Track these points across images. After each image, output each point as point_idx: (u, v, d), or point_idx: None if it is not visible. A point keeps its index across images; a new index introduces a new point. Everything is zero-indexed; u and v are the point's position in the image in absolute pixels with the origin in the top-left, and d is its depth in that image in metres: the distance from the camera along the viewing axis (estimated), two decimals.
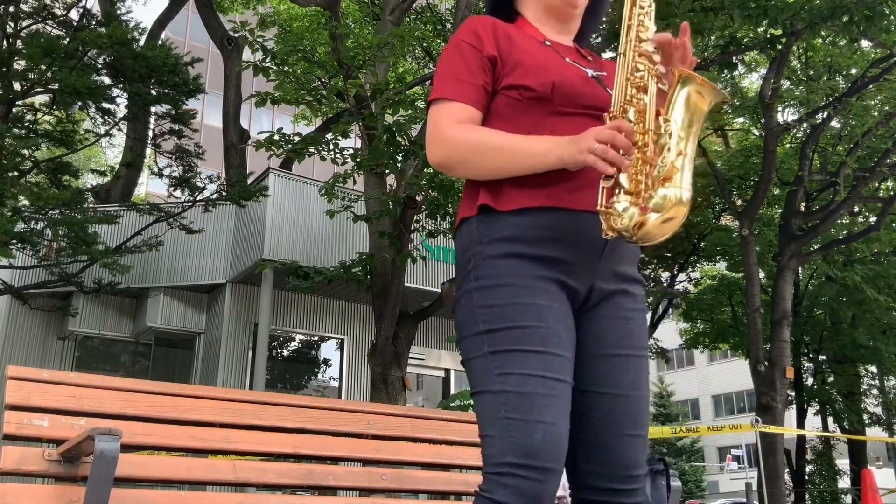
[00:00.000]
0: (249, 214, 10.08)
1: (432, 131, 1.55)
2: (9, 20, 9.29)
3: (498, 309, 1.44)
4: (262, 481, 2.20)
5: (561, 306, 1.47)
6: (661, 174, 1.37)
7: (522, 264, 1.46)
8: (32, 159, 9.23)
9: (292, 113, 18.07)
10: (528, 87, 1.53)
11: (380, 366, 7.55)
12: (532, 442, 1.35)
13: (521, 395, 1.38)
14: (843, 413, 17.15)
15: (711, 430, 9.65)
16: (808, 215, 13.42)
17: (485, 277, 1.47)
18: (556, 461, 1.37)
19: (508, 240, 1.47)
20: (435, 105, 1.56)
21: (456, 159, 1.52)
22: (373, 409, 2.58)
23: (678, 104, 1.42)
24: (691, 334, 19.03)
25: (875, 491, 7.30)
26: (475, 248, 1.50)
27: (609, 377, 1.51)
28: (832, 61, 13.46)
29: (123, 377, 2.37)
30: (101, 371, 10.69)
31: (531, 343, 1.41)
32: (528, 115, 1.54)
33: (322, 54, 12.11)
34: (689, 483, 35.18)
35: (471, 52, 1.57)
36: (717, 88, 1.44)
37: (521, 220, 1.48)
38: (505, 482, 1.35)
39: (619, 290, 1.55)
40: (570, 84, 1.55)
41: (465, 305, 1.50)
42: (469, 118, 1.54)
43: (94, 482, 1.71)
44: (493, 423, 1.39)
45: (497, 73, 1.57)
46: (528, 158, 1.46)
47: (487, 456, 1.40)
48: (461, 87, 1.55)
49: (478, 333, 1.46)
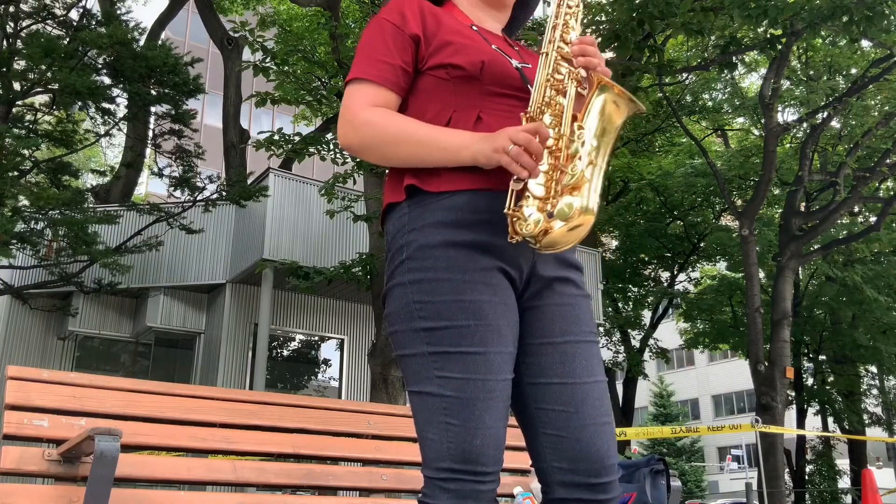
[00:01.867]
0: (249, 214, 10.09)
1: (345, 113, 1.49)
2: (9, 20, 9.30)
3: (436, 305, 1.39)
4: (262, 481, 2.20)
5: (501, 299, 1.42)
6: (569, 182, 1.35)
7: (461, 254, 1.40)
8: (32, 159, 9.23)
9: (292, 113, 18.07)
10: (456, 65, 1.48)
11: (380, 366, 7.55)
12: (471, 448, 1.34)
13: (460, 401, 1.35)
14: (843, 413, 17.16)
15: (711, 430, 9.65)
16: (808, 215, 13.43)
17: (421, 270, 1.41)
18: (496, 463, 1.37)
19: (444, 225, 1.41)
20: (351, 85, 1.51)
21: (366, 145, 1.47)
22: (373, 409, 2.58)
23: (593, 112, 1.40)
24: (691, 334, 19.04)
25: (875, 491, 7.29)
26: (407, 237, 1.44)
27: (561, 366, 1.46)
28: (832, 61, 13.48)
29: (123, 377, 2.37)
30: (101, 371, 10.70)
31: (470, 343, 1.37)
32: (455, 94, 1.49)
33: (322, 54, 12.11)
34: (689, 483, 35.18)
35: (392, 31, 1.52)
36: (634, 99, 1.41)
37: (457, 202, 1.42)
38: (446, 486, 1.35)
39: (560, 278, 1.51)
40: (500, 64, 1.50)
41: (398, 298, 1.43)
42: (384, 101, 1.49)
43: (94, 482, 1.71)
44: (433, 425, 1.37)
45: (421, 53, 1.52)
46: (442, 152, 1.41)
47: (427, 458, 1.39)
48: (378, 67, 1.49)
49: (415, 330, 1.41)
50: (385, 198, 1.53)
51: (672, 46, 14.36)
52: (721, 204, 16.56)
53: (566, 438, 1.43)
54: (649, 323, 17.99)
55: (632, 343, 18.13)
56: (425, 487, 1.38)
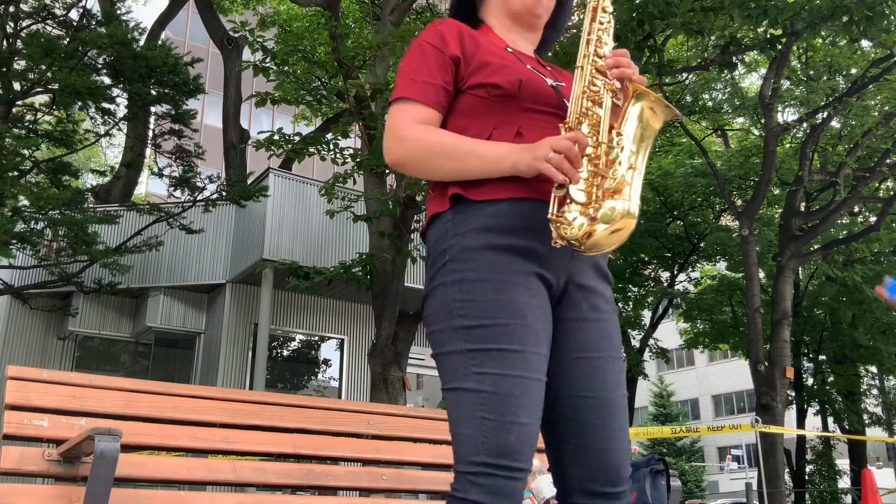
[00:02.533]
0: (249, 214, 10.08)
1: (390, 130, 1.56)
2: (9, 20, 9.30)
3: (476, 304, 1.44)
4: (262, 481, 2.20)
5: (539, 301, 1.47)
6: (611, 187, 1.40)
7: (501, 257, 1.46)
8: (32, 159, 9.23)
9: (292, 113, 18.07)
10: (495, 84, 1.55)
11: (380, 366, 7.55)
12: (506, 442, 1.37)
13: (497, 396, 1.39)
14: (843, 413, 17.15)
15: (711, 430, 9.65)
16: (808, 215, 13.43)
17: (462, 271, 1.46)
18: (528, 460, 1.40)
19: (486, 230, 1.47)
20: (395, 105, 1.58)
21: (412, 159, 1.53)
22: (373, 409, 2.58)
23: (631, 119, 1.45)
24: (691, 334, 19.03)
25: (875, 491, 7.30)
26: (451, 241, 1.49)
27: (593, 380, 1.52)
28: (832, 61, 13.47)
29: (123, 377, 2.37)
30: (101, 371, 10.69)
31: (509, 341, 1.41)
32: (495, 112, 1.55)
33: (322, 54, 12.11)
34: (689, 483, 35.18)
35: (433, 53, 1.59)
36: (670, 106, 1.47)
37: (499, 209, 1.48)
38: (479, 481, 1.37)
39: (595, 290, 1.57)
40: (536, 83, 1.58)
41: (439, 298, 1.48)
42: (427, 119, 1.55)
43: (94, 482, 1.71)
44: (468, 421, 1.41)
45: (461, 73, 1.59)
46: (484, 163, 1.47)
47: (460, 454, 1.42)
48: (421, 87, 1.56)
49: (455, 328, 1.45)
50: (429, 210, 1.59)
51: (672, 46, 14.35)
52: (721, 204, 16.56)
53: (589, 449, 1.50)
54: (649, 323, 17.98)
55: (632, 343, 18.13)
56: (456, 483, 1.41)
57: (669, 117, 1.48)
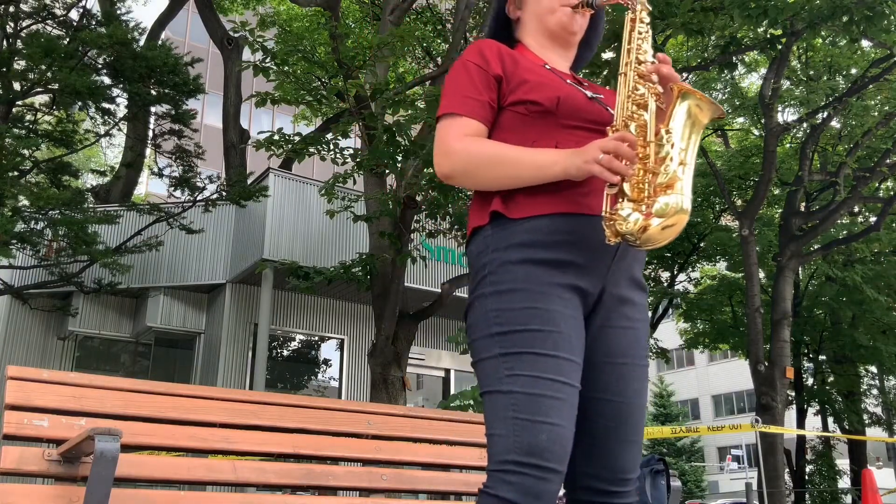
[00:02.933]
0: (249, 214, 10.08)
1: (439, 144, 1.61)
2: (9, 20, 9.29)
3: (512, 312, 1.48)
4: (262, 481, 2.20)
5: (574, 313, 1.52)
6: (664, 182, 1.44)
7: (538, 270, 1.50)
8: (32, 159, 9.22)
9: (292, 113, 18.07)
10: (534, 101, 1.60)
11: (380, 366, 7.54)
12: (537, 442, 1.39)
13: (529, 396, 1.42)
14: (843, 413, 17.14)
15: (711, 430, 9.65)
16: (808, 215, 13.42)
17: (500, 282, 1.51)
18: (560, 462, 1.41)
19: (524, 245, 1.52)
20: (443, 120, 1.63)
21: (462, 170, 1.58)
22: (373, 409, 2.58)
23: (678, 117, 1.49)
24: (691, 334, 19.02)
25: (875, 491, 7.30)
26: (491, 255, 1.55)
27: (616, 385, 1.57)
28: (832, 61, 13.46)
29: (123, 377, 2.37)
30: (101, 371, 10.69)
31: (543, 346, 1.45)
32: (534, 127, 1.60)
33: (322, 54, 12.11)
34: (689, 483, 35.19)
35: (476, 71, 1.65)
36: (715, 103, 1.51)
37: (537, 225, 1.52)
38: (509, 479, 1.39)
39: (627, 299, 1.61)
40: (574, 99, 1.62)
41: (478, 308, 1.54)
42: (475, 132, 1.60)
43: (94, 482, 1.71)
44: (501, 421, 1.44)
45: (502, 91, 1.64)
46: (534, 170, 1.51)
47: (492, 454, 1.44)
48: (467, 102, 1.62)
49: (490, 335, 1.50)
50: (470, 222, 1.65)
51: (672, 46, 14.35)
52: (721, 204, 16.54)
53: (599, 448, 1.56)
54: (649, 323, 17.96)
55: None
56: (487, 481, 1.44)
57: (716, 115, 1.52)
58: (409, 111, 7.67)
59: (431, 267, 9.90)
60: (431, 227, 8.41)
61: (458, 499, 2.74)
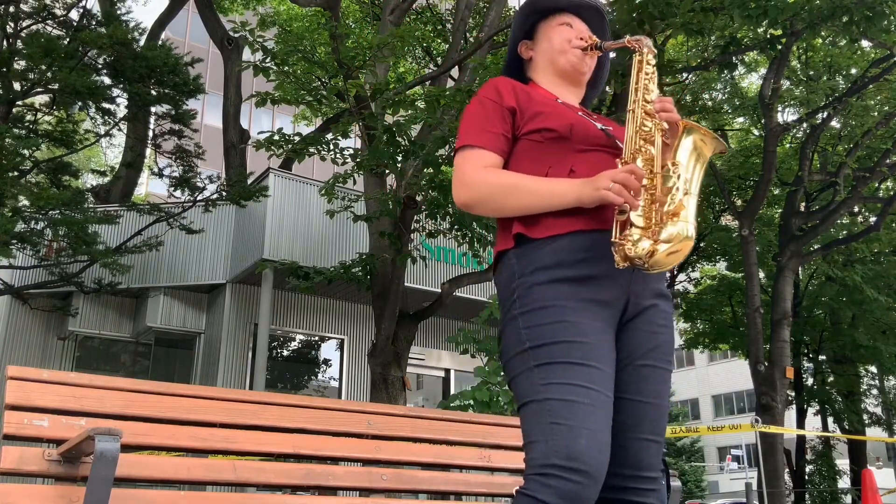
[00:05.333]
0: (249, 214, 10.08)
1: (458, 175, 1.71)
2: (9, 20, 9.29)
3: (542, 328, 1.55)
4: (262, 481, 2.20)
5: (602, 325, 1.57)
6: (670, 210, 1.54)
7: (564, 287, 1.57)
8: (32, 159, 9.22)
9: (292, 113, 18.07)
10: (549, 128, 1.70)
11: (380, 366, 7.54)
12: (576, 446, 1.43)
13: (564, 403, 1.47)
14: (843, 413, 17.14)
15: (711, 430, 9.65)
16: (808, 215, 13.42)
17: (530, 303, 1.58)
18: (599, 467, 1.44)
19: (549, 266, 1.59)
20: (461, 152, 1.73)
21: (480, 199, 1.67)
22: (373, 409, 2.58)
23: (683, 150, 1.63)
24: (691, 334, 19.02)
25: (875, 491, 7.29)
26: (518, 280, 1.62)
27: (635, 385, 1.63)
28: (832, 61, 13.46)
29: (123, 377, 2.37)
30: (102, 371, 10.69)
31: (574, 356, 1.51)
32: (550, 153, 1.70)
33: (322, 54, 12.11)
34: (689, 483, 35.18)
35: (492, 106, 1.76)
36: (718, 138, 1.64)
37: (559, 246, 1.60)
38: (548, 483, 1.41)
39: (651, 305, 1.67)
40: (585, 125, 1.74)
41: (510, 330, 1.61)
42: (492, 163, 1.70)
43: (94, 482, 1.71)
44: (539, 429, 1.48)
45: (517, 122, 1.75)
46: (549, 198, 1.61)
47: (531, 459, 1.47)
48: (484, 135, 1.72)
49: (523, 351, 1.56)
50: (497, 246, 1.74)
51: (672, 46, 14.34)
52: (721, 204, 16.55)
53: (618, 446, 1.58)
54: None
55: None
56: (526, 484, 1.46)
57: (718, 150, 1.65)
58: (409, 111, 7.67)
59: (431, 267, 9.90)
60: (431, 227, 8.41)
61: (458, 499, 2.74)
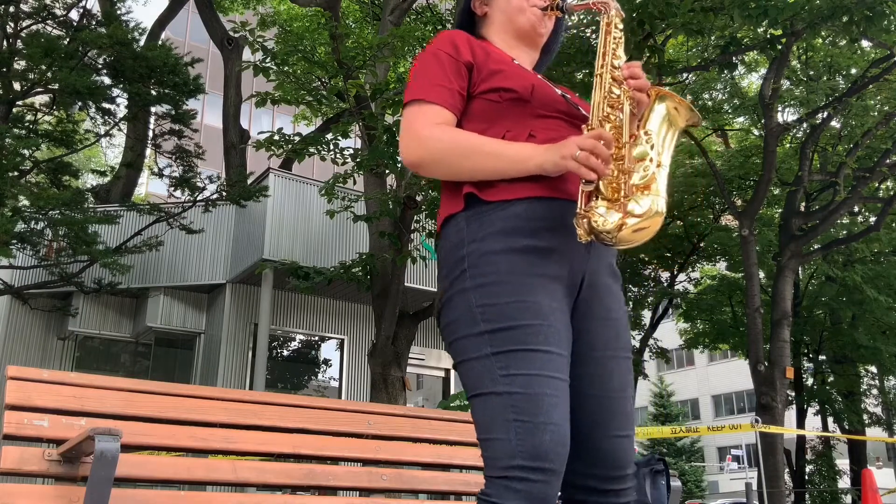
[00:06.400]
0: (249, 214, 10.08)
1: (407, 131, 1.55)
2: (9, 20, 9.29)
3: (499, 307, 1.42)
4: (262, 481, 2.20)
5: (559, 305, 1.47)
6: (640, 183, 1.42)
7: (521, 259, 1.44)
8: (32, 159, 9.22)
9: (292, 113, 18.06)
10: (508, 88, 1.56)
11: (380, 366, 7.55)
12: (542, 443, 1.34)
13: (528, 397, 1.36)
14: (843, 413, 17.15)
15: (711, 430, 9.65)
16: (808, 215, 13.42)
17: (482, 276, 1.44)
18: (562, 463, 1.37)
19: (504, 233, 1.46)
20: (411, 106, 1.57)
21: (432, 159, 1.52)
22: (373, 409, 2.58)
23: (655, 118, 1.49)
24: (691, 334, 19.04)
25: (875, 491, 7.29)
26: (468, 247, 1.48)
27: (599, 379, 1.52)
28: (832, 61, 13.46)
29: (123, 377, 2.37)
30: (102, 371, 10.69)
31: (535, 342, 1.39)
32: (507, 116, 1.56)
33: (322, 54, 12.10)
34: (689, 483, 35.18)
35: (448, 59, 1.60)
36: (692, 108, 1.50)
37: (515, 211, 1.47)
38: (513, 486, 1.33)
39: (608, 289, 1.57)
40: (547, 89, 1.60)
41: (459, 305, 1.46)
42: (445, 120, 1.54)
43: (94, 482, 1.71)
44: (500, 425, 1.37)
45: (473, 80, 1.60)
46: (509, 163, 1.46)
47: (492, 459, 1.37)
48: (437, 90, 1.56)
49: (478, 334, 1.42)
50: (442, 210, 1.58)
51: (672, 46, 14.34)
52: (721, 204, 16.54)
53: (587, 444, 1.49)
54: (649, 323, 17.98)
55: (632, 343, 18.09)
56: (489, 488, 1.37)
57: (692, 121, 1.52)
58: None
59: (431, 267, 9.90)
60: (431, 227, 8.41)
61: (458, 499, 2.73)
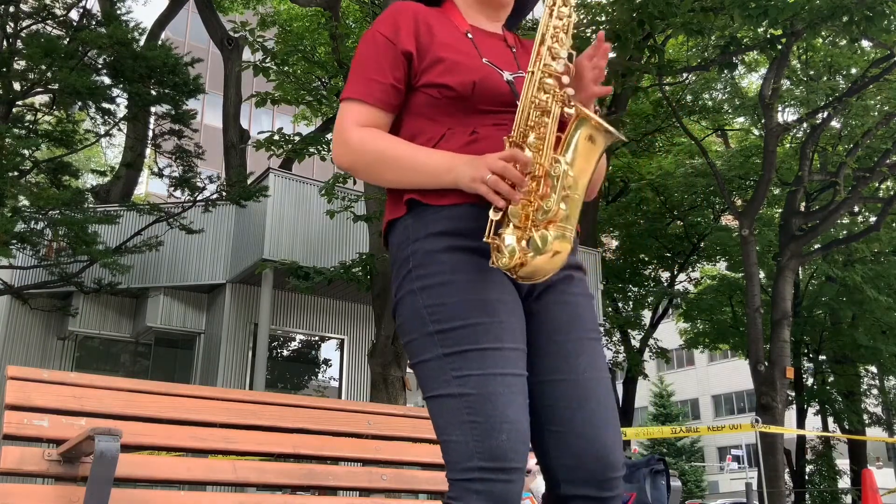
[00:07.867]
0: (249, 214, 10.08)
1: (338, 132, 1.52)
2: (9, 20, 9.29)
3: (447, 307, 1.39)
4: (262, 481, 2.20)
5: (510, 297, 1.43)
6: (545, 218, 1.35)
7: (466, 257, 1.41)
8: (32, 159, 9.22)
9: (292, 113, 18.07)
10: (447, 86, 1.48)
11: (380, 366, 7.55)
12: (499, 443, 1.32)
13: (482, 397, 1.34)
14: (843, 413, 17.16)
15: (711, 430, 9.65)
16: (808, 215, 13.43)
17: (429, 275, 1.41)
18: (522, 459, 1.35)
19: (447, 234, 1.43)
20: (343, 104, 1.53)
21: (355, 166, 1.50)
22: (373, 409, 2.58)
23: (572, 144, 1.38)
24: (691, 334, 19.05)
25: (875, 491, 7.29)
26: (412, 247, 1.45)
27: (565, 363, 1.46)
28: (832, 61, 13.47)
29: (123, 377, 2.37)
30: (102, 371, 10.69)
31: (487, 340, 1.36)
32: (449, 113, 1.50)
33: (322, 54, 12.11)
34: (689, 483, 35.17)
35: (385, 47, 1.52)
36: (612, 131, 1.38)
37: (456, 212, 1.43)
38: (475, 487, 1.32)
39: (562, 277, 1.51)
40: (490, 81, 1.50)
41: (408, 306, 1.44)
42: (375, 121, 1.51)
43: (94, 482, 1.71)
44: (456, 427, 1.35)
45: (414, 69, 1.52)
46: (427, 176, 1.43)
47: (452, 462, 1.36)
48: (370, 86, 1.51)
49: (428, 334, 1.40)
50: (386, 215, 1.54)
51: (672, 46, 14.35)
52: (721, 204, 16.57)
53: (570, 434, 1.43)
54: (649, 323, 17.99)
55: (632, 343, 18.12)
56: (452, 491, 1.36)
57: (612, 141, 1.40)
58: None
59: None
60: None
61: None
